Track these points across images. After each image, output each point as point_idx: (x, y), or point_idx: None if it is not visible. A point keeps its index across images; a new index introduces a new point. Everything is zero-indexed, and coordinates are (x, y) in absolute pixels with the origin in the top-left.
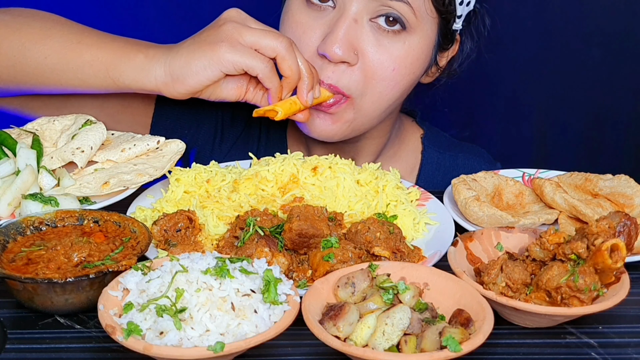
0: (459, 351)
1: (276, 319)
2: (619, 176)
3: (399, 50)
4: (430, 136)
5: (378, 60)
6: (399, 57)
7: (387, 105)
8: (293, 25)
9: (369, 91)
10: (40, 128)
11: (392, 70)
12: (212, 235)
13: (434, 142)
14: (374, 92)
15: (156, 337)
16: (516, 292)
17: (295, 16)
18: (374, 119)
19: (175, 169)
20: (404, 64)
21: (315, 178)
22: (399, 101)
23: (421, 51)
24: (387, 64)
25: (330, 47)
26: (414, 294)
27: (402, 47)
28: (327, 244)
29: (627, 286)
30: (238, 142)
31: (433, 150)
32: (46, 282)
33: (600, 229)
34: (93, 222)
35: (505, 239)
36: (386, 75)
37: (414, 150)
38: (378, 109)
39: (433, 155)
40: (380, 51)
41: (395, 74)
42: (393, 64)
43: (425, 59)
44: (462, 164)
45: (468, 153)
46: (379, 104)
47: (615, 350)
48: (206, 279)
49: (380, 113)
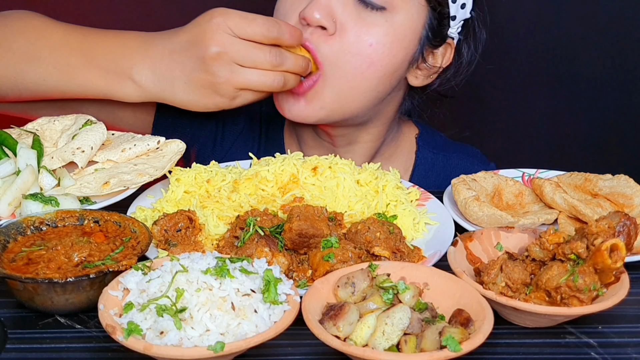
0: (458, 351)
1: (276, 319)
2: (619, 176)
3: (379, 26)
4: (425, 136)
5: (355, 33)
6: (379, 32)
7: (363, 86)
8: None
9: (342, 65)
10: (41, 128)
11: (369, 45)
12: (212, 235)
13: (428, 143)
14: (348, 67)
15: (156, 337)
16: (516, 292)
17: None
18: (350, 101)
19: (175, 169)
20: (383, 42)
21: (315, 178)
22: (381, 90)
23: (403, 33)
24: (364, 38)
25: (311, 11)
26: (413, 293)
27: (383, 23)
28: (327, 244)
29: (626, 286)
30: (238, 141)
31: (427, 150)
32: (46, 282)
33: (599, 229)
34: (93, 222)
35: (505, 239)
36: (362, 49)
37: (408, 150)
38: (353, 89)
39: (427, 155)
40: (360, 24)
41: (372, 50)
42: (371, 38)
43: (407, 45)
44: (455, 164)
45: (462, 153)
46: (354, 82)
47: (615, 350)
48: (206, 279)
49: (357, 96)
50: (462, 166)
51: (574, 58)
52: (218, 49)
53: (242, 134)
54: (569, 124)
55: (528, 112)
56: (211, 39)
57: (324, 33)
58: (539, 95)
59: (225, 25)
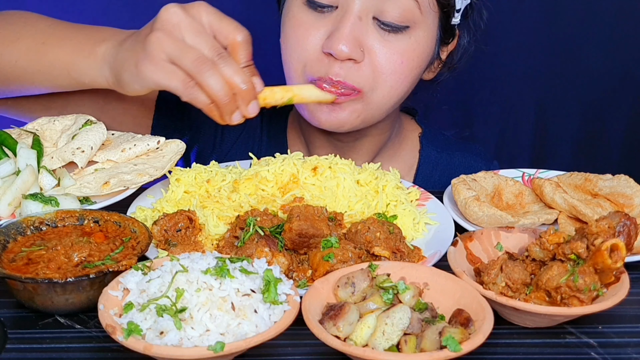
0: (458, 351)
1: (276, 319)
2: (619, 176)
3: (405, 44)
4: (428, 135)
5: (385, 55)
6: (406, 50)
7: (397, 98)
8: (295, 25)
9: (379, 85)
10: (41, 128)
11: (400, 63)
12: (212, 235)
13: (432, 141)
14: (385, 86)
15: (156, 337)
16: (516, 292)
17: (297, 16)
18: (384, 112)
19: (175, 169)
20: (411, 57)
21: (315, 178)
22: (405, 94)
23: (426, 45)
24: (394, 58)
25: (337, 45)
26: (413, 293)
27: (407, 41)
28: (327, 244)
29: (626, 286)
30: (238, 142)
31: (431, 149)
32: (46, 282)
33: (600, 229)
34: (93, 222)
35: (505, 239)
36: (395, 68)
37: (412, 149)
38: (389, 102)
39: (431, 154)
40: (387, 46)
41: (404, 67)
42: (401, 57)
43: (429, 53)
44: (459, 162)
45: (465, 152)
46: (389, 97)
47: (615, 350)
48: (206, 279)
49: (390, 106)
50: (466, 164)
51: (576, 59)
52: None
53: (241, 136)
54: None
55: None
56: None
57: (353, 62)
58: (539, 95)
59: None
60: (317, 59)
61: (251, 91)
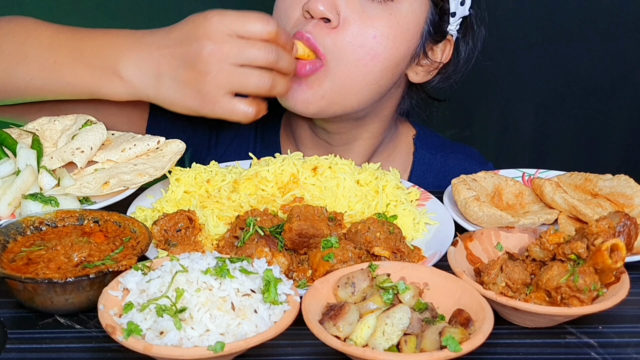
0: (458, 351)
1: (276, 319)
2: (619, 176)
3: (383, 18)
4: (422, 137)
5: (359, 25)
6: (382, 25)
7: (365, 78)
8: None
9: (345, 56)
10: (41, 128)
11: (372, 37)
12: (212, 235)
13: (426, 143)
14: (351, 59)
15: (156, 337)
16: (516, 292)
17: None
18: (351, 93)
19: (175, 169)
20: (386, 34)
21: (315, 178)
22: (382, 84)
23: (406, 26)
24: (368, 30)
25: (315, 4)
26: (414, 294)
27: (387, 16)
28: (327, 244)
29: (627, 286)
30: (233, 144)
31: (424, 151)
32: (46, 282)
33: (600, 229)
34: (93, 222)
35: (505, 239)
36: (365, 41)
37: (406, 151)
38: (355, 80)
39: (424, 156)
40: (363, 17)
41: (375, 42)
42: (374, 31)
43: (410, 38)
44: (453, 164)
45: (460, 153)
46: (356, 74)
47: (615, 350)
48: (206, 279)
49: (359, 88)
50: (460, 166)
51: (576, 59)
52: (213, 45)
53: (236, 138)
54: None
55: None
56: (205, 36)
57: (327, 26)
58: (539, 95)
59: (222, 23)
60: (297, 20)
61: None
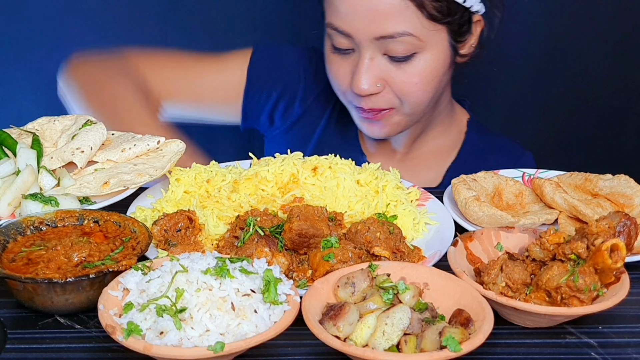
0: (458, 351)
1: (276, 319)
2: (619, 176)
3: (416, 67)
4: (474, 121)
5: (401, 80)
6: (418, 71)
7: (427, 103)
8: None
9: (405, 101)
10: (41, 128)
11: (415, 83)
12: (212, 235)
13: (476, 127)
14: (410, 101)
15: (156, 337)
16: (516, 292)
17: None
18: (421, 113)
19: (175, 169)
20: (425, 74)
21: (315, 178)
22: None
23: (437, 59)
24: (410, 79)
25: (357, 86)
26: (414, 294)
27: (418, 64)
28: (327, 244)
29: (627, 286)
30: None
31: (474, 133)
32: (46, 282)
33: (600, 229)
34: (93, 222)
35: (505, 239)
36: (412, 89)
37: (458, 130)
38: (420, 107)
39: (473, 137)
40: (401, 72)
41: (420, 85)
42: (414, 78)
43: (444, 62)
44: (499, 147)
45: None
46: (418, 106)
47: (615, 350)
48: (206, 279)
49: (425, 107)
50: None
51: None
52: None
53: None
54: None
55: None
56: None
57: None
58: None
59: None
60: (350, 92)
61: None
